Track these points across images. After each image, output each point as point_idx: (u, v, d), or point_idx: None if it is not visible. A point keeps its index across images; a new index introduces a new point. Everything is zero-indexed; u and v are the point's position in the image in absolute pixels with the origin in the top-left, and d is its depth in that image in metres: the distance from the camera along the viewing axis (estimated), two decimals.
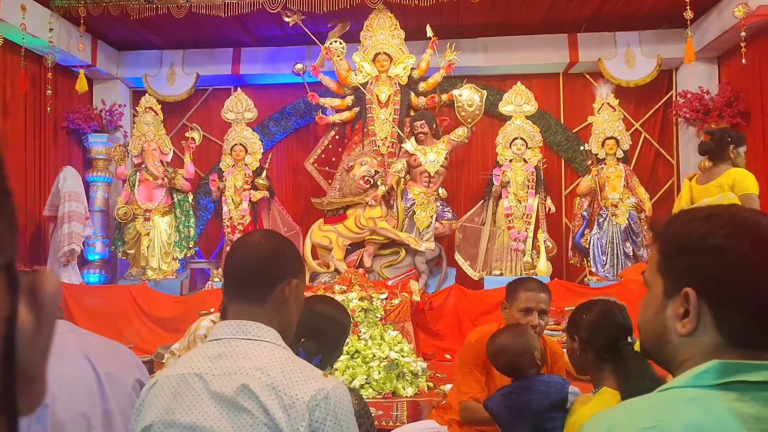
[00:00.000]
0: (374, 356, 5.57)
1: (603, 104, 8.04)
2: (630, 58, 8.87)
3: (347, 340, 2.76)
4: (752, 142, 7.87)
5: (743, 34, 7.15)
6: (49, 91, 8.06)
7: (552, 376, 2.70)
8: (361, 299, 5.94)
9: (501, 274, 7.86)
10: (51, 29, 7.86)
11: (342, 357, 5.49)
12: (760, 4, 7.01)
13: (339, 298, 5.96)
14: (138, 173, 8.22)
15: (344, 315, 2.62)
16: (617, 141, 7.91)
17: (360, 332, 5.74)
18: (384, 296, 6.17)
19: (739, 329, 1.00)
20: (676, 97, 8.81)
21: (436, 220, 7.99)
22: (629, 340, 2.29)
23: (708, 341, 1.02)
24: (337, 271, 7.69)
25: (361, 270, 7.66)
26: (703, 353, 1.02)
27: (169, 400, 1.46)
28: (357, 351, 5.60)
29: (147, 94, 8.73)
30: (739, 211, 1.05)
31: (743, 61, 7.25)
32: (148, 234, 8.00)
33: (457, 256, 8.20)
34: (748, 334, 1.00)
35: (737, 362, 0.97)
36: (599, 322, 2.32)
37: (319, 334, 2.40)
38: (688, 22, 7.39)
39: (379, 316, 5.82)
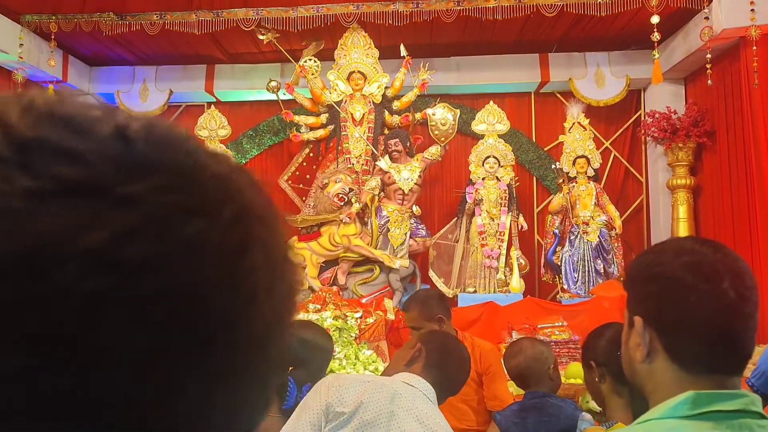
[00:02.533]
0: None
1: (574, 123, 8.17)
2: (600, 78, 9.04)
3: (330, 364, 2.75)
4: (718, 161, 8.08)
5: (708, 56, 7.33)
6: None
7: (566, 400, 2.68)
8: (336, 318, 5.93)
9: (475, 291, 7.91)
10: (21, 44, 7.77)
11: None
12: (724, 27, 7.20)
13: (313, 317, 5.95)
14: None
15: (328, 340, 2.62)
16: (588, 159, 8.04)
17: (334, 352, 5.71)
18: (358, 315, 6.17)
19: (689, 356, 1.04)
20: (644, 117, 8.99)
21: (410, 237, 8.03)
22: None
23: (666, 371, 1.06)
24: (311, 288, 7.66)
25: (335, 288, 7.66)
26: (665, 385, 1.06)
27: None
28: (331, 370, 5.57)
29: None
30: (682, 241, 1.10)
31: (709, 82, 7.43)
32: None
33: (432, 274, 8.24)
34: (699, 361, 1.04)
35: (711, 392, 1.01)
36: (615, 343, 2.32)
37: (305, 362, 2.38)
38: (655, 44, 7.56)
39: (353, 335, 5.81)
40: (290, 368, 2.33)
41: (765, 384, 2.61)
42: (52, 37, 7.96)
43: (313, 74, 8.18)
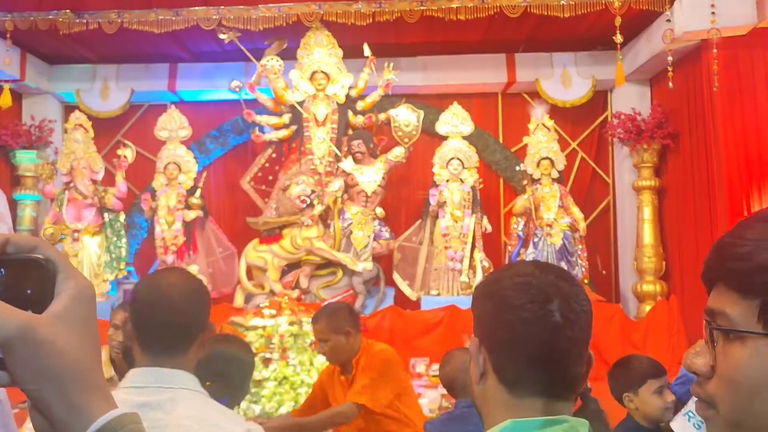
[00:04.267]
0: (303, 382, 5.48)
1: (538, 125, 8.13)
2: (566, 79, 9.02)
3: (251, 377, 2.72)
4: (681, 163, 8.09)
5: (670, 58, 7.32)
6: None
7: None
8: (291, 324, 5.85)
9: (438, 294, 7.86)
10: None
11: (269, 384, 5.40)
12: (685, 30, 7.20)
13: (268, 322, 5.87)
14: (67, 192, 7.97)
15: (248, 354, 2.61)
16: (552, 161, 8.01)
17: (289, 358, 5.64)
18: None
19: (514, 377, 1.04)
20: (611, 118, 8.98)
21: (374, 239, 7.95)
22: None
23: (495, 393, 1.06)
24: (272, 292, 7.58)
25: (296, 291, 7.58)
26: (494, 407, 1.06)
27: None
28: (285, 377, 5.51)
29: (77, 111, 8.46)
30: (523, 264, 1.10)
31: (670, 84, 7.42)
32: (76, 255, 7.75)
33: (396, 276, 8.18)
34: (523, 383, 1.04)
35: (530, 420, 1.01)
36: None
37: (224, 376, 2.37)
38: (618, 46, 7.54)
39: (308, 341, 5.73)
40: (207, 383, 2.31)
41: (687, 392, 2.58)
42: (8, 35, 7.78)
43: (275, 74, 8.08)
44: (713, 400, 0.82)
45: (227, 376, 2.38)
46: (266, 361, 5.52)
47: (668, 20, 7.38)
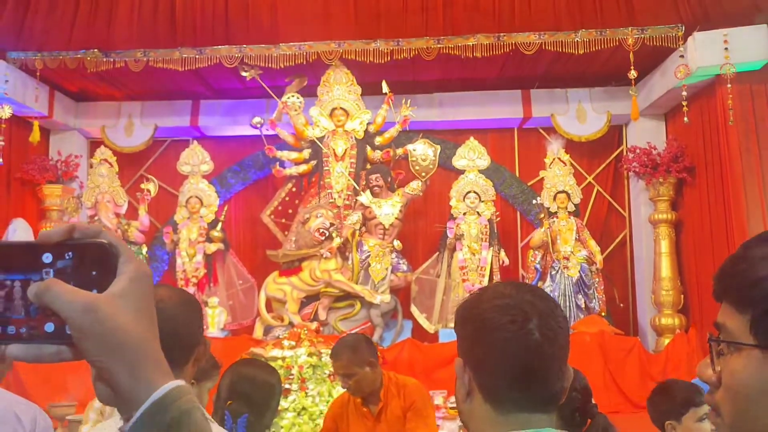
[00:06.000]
0: (321, 413, 5.50)
1: (554, 159, 8.23)
2: (581, 114, 9.13)
3: (279, 399, 2.77)
4: (698, 196, 8.12)
5: (684, 93, 7.42)
6: (1, 142, 8.00)
7: None
8: (310, 355, 5.90)
9: None
10: (6, 81, 7.85)
11: (288, 415, 5.43)
12: (699, 65, 7.30)
13: (287, 353, 5.93)
14: None
15: (271, 374, 2.64)
16: (568, 195, 8.08)
17: (308, 388, 5.68)
18: None
19: (498, 394, 1.09)
20: (626, 152, 9.06)
21: (392, 272, 8.02)
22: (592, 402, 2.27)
23: (481, 410, 1.10)
24: (291, 324, 7.64)
25: (315, 323, 7.63)
26: (481, 424, 1.10)
27: None
28: (304, 408, 5.54)
29: (102, 146, 8.70)
30: (501, 285, 1.17)
31: (685, 119, 7.51)
32: None
33: (414, 309, 8.22)
34: (506, 399, 1.08)
35: None
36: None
37: (245, 396, 2.42)
38: (633, 82, 7.66)
39: (327, 372, 5.77)
40: (228, 402, 2.39)
41: None
42: (37, 74, 8.05)
43: (295, 110, 8.26)
44: (718, 408, 0.90)
45: (249, 396, 2.43)
46: (285, 392, 5.56)
47: (682, 56, 7.50)
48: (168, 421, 0.64)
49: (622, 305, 8.59)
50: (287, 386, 5.62)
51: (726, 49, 7.13)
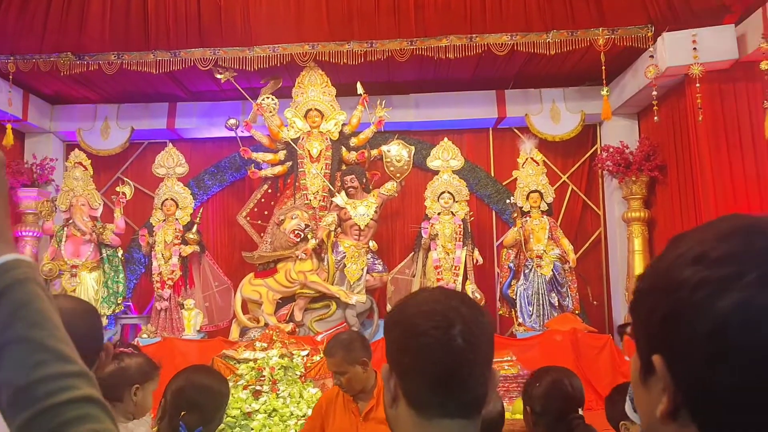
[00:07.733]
0: (292, 414, 5.54)
1: (526, 159, 8.29)
2: (555, 114, 9.20)
3: (225, 409, 2.78)
4: (669, 194, 8.21)
5: (654, 93, 7.50)
6: None
7: None
8: (281, 356, 5.93)
9: None
10: None
11: (259, 416, 5.46)
12: (668, 65, 7.39)
13: (259, 355, 5.96)
14: (65, 228, 8.13)
15: (222, 384, 2.65)
16: (541, 194, 8.14)
17: (279, 390, 5.71)
18: (305, 353, 6.17)
19: (421, 400, 1.09)
20: (600, 151, 9.14)
21: (367, 272, 8.05)
22: (579, 412, 2.26)
23: (406, 416, 1.11)
24: (267, 325, 7.66)
25: (291, 324, 7.66)
26: (402, 427, 1.11)
27: None
28: (275, 409, 5.57)
29: (76, 149, 8.67)
30: (430, 291, 1.17)
31: (656, 118, 7.59)
32: (74, 290, 7.88)
33: (389, 308, 8.23)
34: (429, 405, 1.09)
35: None
36: (549, 395, 2.27)
37: (198, 406, 2.43)
38: (604, 81, 7.74)
39: (298, 373, 5.81)
40: (182, 413, 2.39)
41: None
42: (10, 77, 8.02)
43: (270, 112, 8.28)
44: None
45: (201, 405, 2.44)
46: (256, 394, 5.60)
47: (651, 56, 7.59)
48: None
49: (596, 303, 8.68)
50: (258, 388, 5.66)
51: (695, 49, 7.21)
